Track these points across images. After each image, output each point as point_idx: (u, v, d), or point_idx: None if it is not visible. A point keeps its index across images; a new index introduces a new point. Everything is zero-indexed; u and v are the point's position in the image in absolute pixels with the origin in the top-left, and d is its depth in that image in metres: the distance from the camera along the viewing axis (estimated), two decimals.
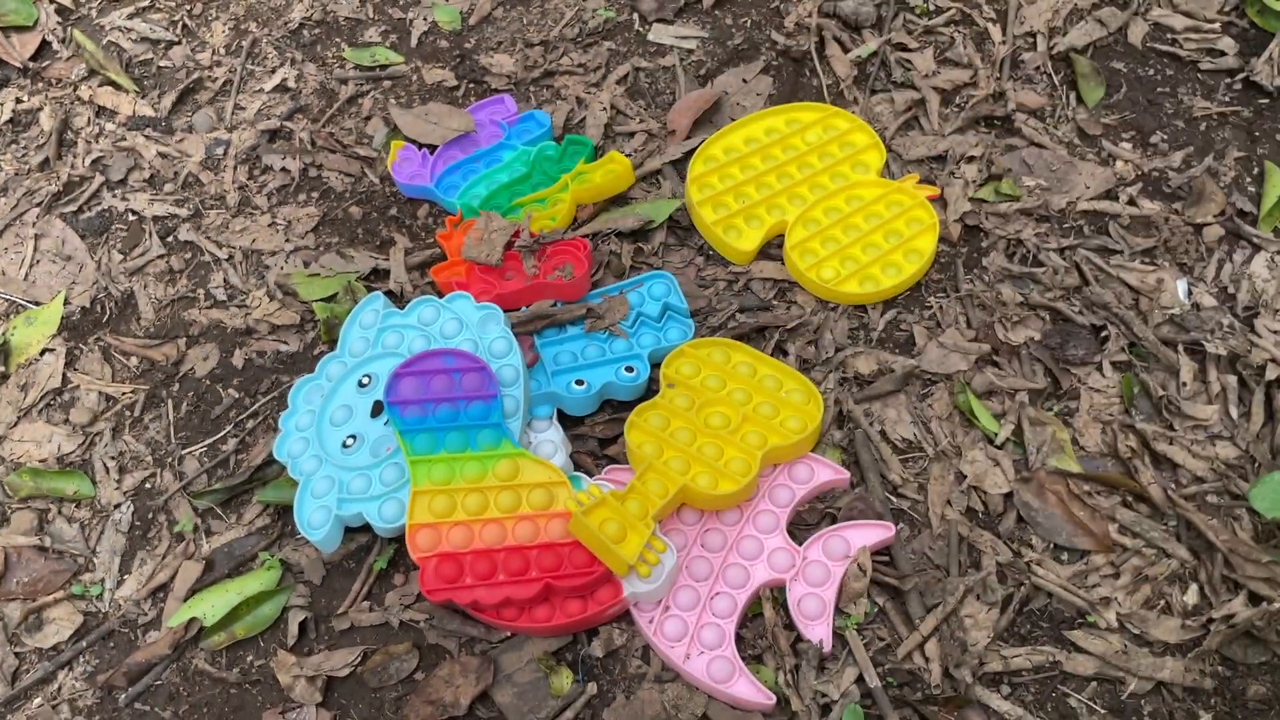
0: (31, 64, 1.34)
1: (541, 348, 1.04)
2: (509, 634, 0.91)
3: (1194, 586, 0.90)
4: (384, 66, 1.32)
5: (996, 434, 0.99)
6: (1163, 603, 0.90)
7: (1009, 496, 0.96)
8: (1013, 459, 0.98)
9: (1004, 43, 1.27)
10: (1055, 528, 0.94)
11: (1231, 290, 1.07)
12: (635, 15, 1.34)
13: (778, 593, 0.91)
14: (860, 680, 0.87)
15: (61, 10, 1.39)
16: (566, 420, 1.02)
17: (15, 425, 1.07)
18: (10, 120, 1.30)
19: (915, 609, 0.90)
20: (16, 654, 0.95)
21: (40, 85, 1.33)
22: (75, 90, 1.32)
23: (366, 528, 0.96)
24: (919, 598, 0.90)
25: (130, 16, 1.38)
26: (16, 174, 1.25)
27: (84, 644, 0.95)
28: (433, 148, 1.22)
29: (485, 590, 0.88)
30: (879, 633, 0.90)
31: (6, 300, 1.16)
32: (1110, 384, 1.01)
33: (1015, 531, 0.94)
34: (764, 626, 0.89)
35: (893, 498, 0.97)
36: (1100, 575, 0.92)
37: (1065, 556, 0.93)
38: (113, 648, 0.95)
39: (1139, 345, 1.03)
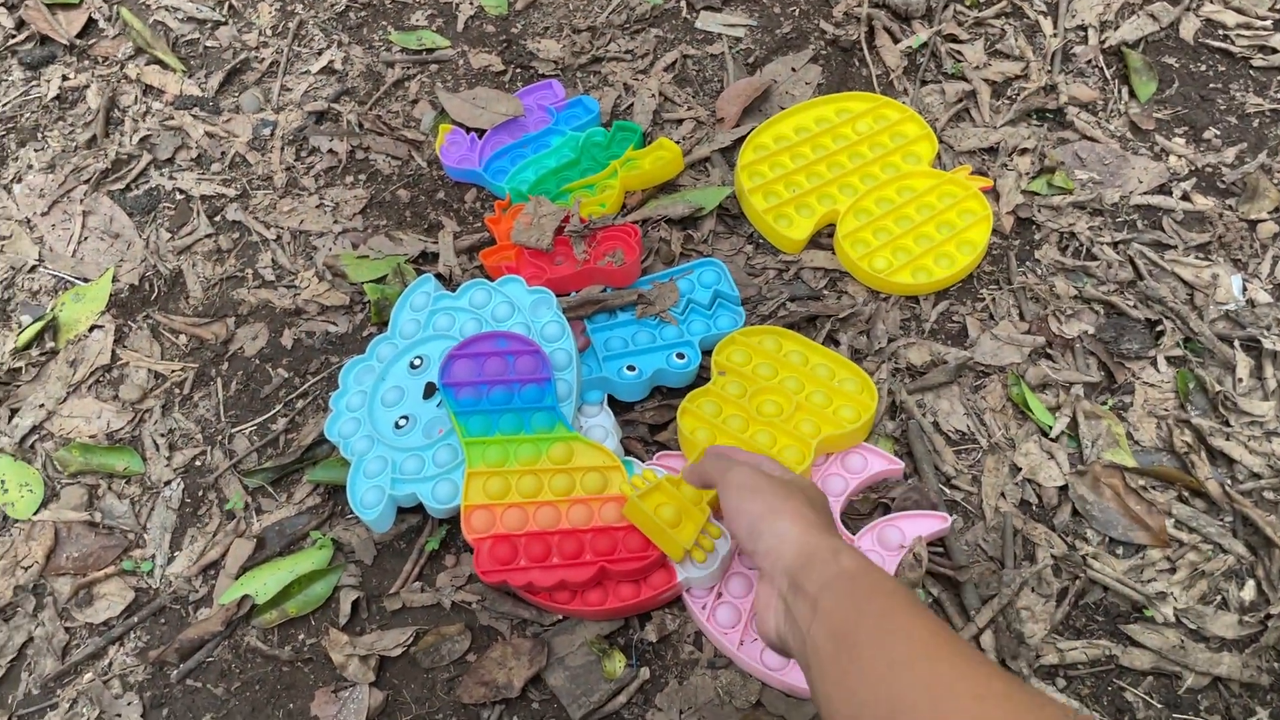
0: (78, 41, 1.34)
1: (592, 333, 1.04)
2: (561, 617, 0.91)
3: (1251, 582, 0.90)
4: (430, 50, 1.32)
5: (1051, 427, 0.98)
6: (1219, 598, 0.90)
7: (1064, 489, 0.95)
8: (1067, 452, 0.97)
9: (1055, 35, 1.26)
10: (1111, 521, 0.93)
11: None
12: (683, 2, 1.34)
13: None
14: None
15: None
16: (616, 405, 1.02)
17: (64, 401, 1.07)
18: (57, 97, 1.30)
19: (971, 600, 0.89)
20: (67, 629, 0.95)
21: (87, 63, 1.33)
22: (122, 68, 1.32)
23: (416, 508, 0.96)
24: (974, 589, 0.90)
25: None
26: (64, 151, 1.25)
27: (135, 620, 0.95)
28: (481, 132, 1.21)
29: (540, 572, 0.88)
30: None
31: (55, 276, 1.16)
32: (1165, 379, 1.01)
33: (1070, 525, 0.94)
34: None
35: (946, 489, 0.96)
36: (1156, 570, 0.91)
37: (1121, 550, 0.93)
38: (164, 624, 0.95)
39: (1194, 340, 1.03)
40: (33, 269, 1.16)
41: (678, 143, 1.19)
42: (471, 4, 1.36)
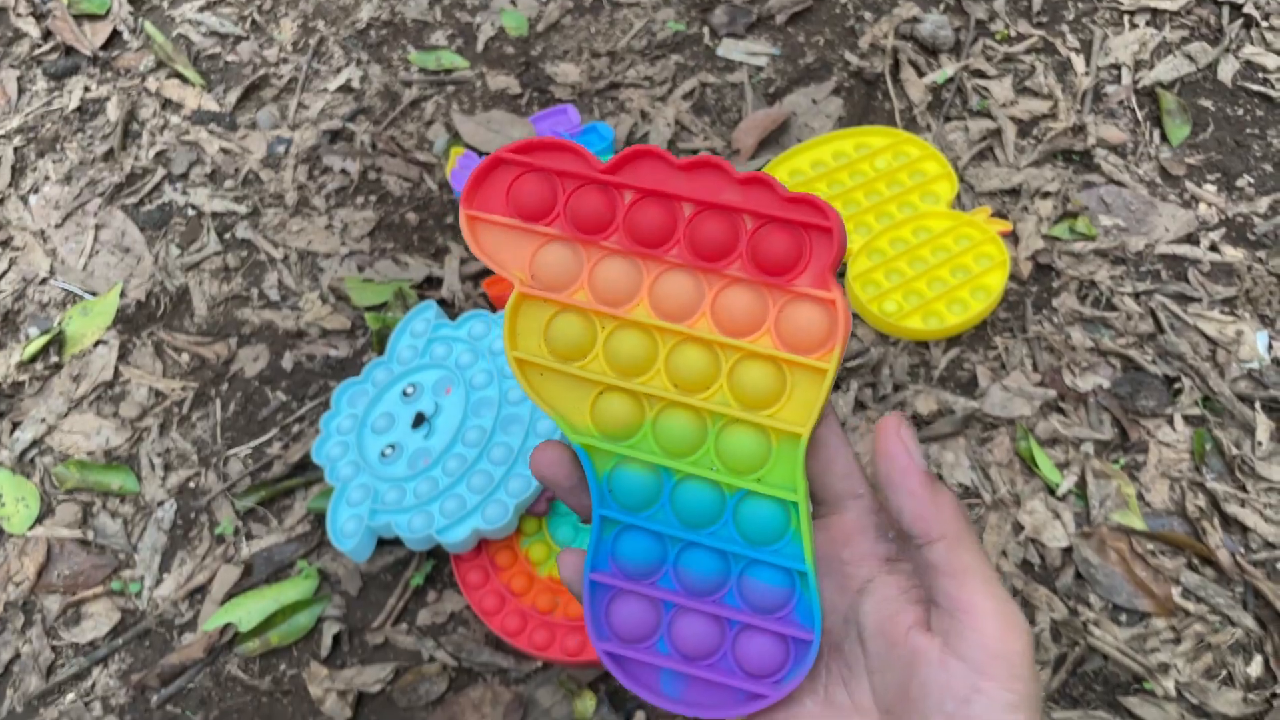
0: (102, 53, 1.35)
1: None
2: (541, 664, 0.90)
3: (1259, 658, 0.86)
4: (449, 71, 1.31)
5: (1058, 485, 0.95)
6: (1224, 673, 0.86)
7: (1068, 551, 0.92)
8: (1074, 512, 0.94)
9: (1087, 74, 1.23)
10: (1115, 587, 0.90)
11: None
12: (706, 29, 1.32)
13: None
14: None
15: (133, 0, 1.40)
16: None
17: (66, 416, 1.07)
18: (78, 109, 1.31)
19: None
20: (53, 647, 0.95)
21: (109, 75, 1.34)
22: (143, 81, 1.32)
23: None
24: None
25: (201, 9, 1.38)
26: (81, 163, 1.26)
27: (120, 641, 0.94)
28: None
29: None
30: None
31: (64, 290, 1.16)
32: (1181, 439, 0.97)
33: (1073, 588, 0.91)
34: None
35: None
36: (1160, 640, 0.88)
37: (1124, 618, 0.89)
38: (148, 647, 0.94)
39: (1214, 399, 0.99)
40: (43, 281, 1.17)
41: None
42: (493, 25, 1.35)
